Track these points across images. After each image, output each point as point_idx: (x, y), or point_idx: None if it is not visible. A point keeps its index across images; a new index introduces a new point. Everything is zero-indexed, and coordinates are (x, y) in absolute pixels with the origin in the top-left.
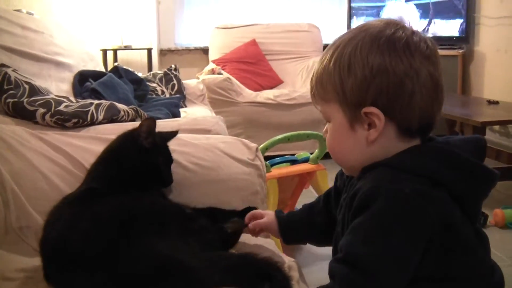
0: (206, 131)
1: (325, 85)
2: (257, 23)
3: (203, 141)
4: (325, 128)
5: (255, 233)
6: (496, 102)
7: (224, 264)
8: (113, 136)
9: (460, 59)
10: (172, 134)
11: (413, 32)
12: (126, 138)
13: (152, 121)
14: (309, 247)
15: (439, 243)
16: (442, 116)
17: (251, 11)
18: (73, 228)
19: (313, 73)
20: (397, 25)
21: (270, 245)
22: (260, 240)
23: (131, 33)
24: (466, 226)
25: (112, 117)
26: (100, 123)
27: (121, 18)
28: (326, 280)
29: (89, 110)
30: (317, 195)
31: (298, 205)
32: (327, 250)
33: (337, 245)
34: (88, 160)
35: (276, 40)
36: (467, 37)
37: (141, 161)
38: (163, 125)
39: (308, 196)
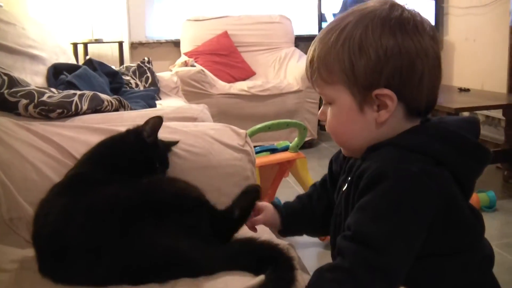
0: (193, 119)
1: (331, 67)
2: (229, 15)
3: (192, 128)
4: (320, 110)
5: (253, 229)
6: (467, 90)
7: (226, 251)
8: (100, 126)
9: None
10: (173, 143)
11: (415, 13)
12: (130, 131)
13: (159, 119)
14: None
15: (442, 220)
16: None
17: (222, 3)
18: (69, 221)
19: (313, 55)
20: (399, 7)
21: (265, 231)
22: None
23: (101, 26)
24: (465, 203)
25: (96, 107)
26: (84, 113)
27: (91, 11)
28: (310, 267)
29: (73, 101)
30: (297, 183)
31: (277, 194)
32: (308, 238)
33: (336, 227)
34: (78, 150)
35: (248, 32)
36: (436, 26)
37: (139, 154)
38: (149, 113)
39: (286, 186)
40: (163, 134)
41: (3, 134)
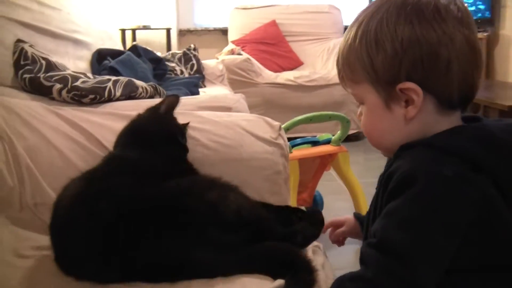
0: (227, 109)
1: (353, 65)
2: (277, 3)
3: (224, 118)
4: (358, 111)
5: (339, 242)
6: None
7: (246, 254)
8: (131, 113)
9: (485, 42)
10: (185, 124)
11: None
12: (148, 110)
13: (175, 98)
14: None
15: (479, 231)
16: None
17: None
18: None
19: (338, 54)
20: None
21: None
22: None
23: (150, 13)
24: (508, 216)
25: (130, 93)
26: (118, 99)
27: None
28: (349, 264)
29: (106, 86)
30: (338, 178)
31: (319, 188)
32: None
33: (369, 225)
34: (105, 136)
35: (296, 21)
36: (492, 19)
37: (157, 126)
38: (183, 101)
39: (329, 179)
40: (193, 124)
41: (32, 118)
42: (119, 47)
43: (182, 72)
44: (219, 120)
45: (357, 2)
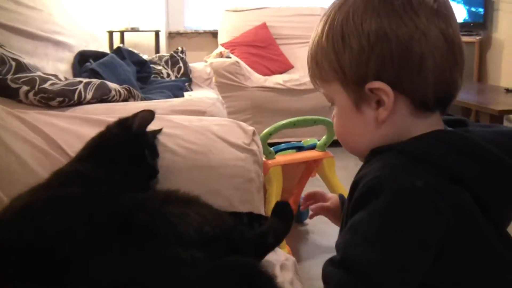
0: (201, 113)
1: (321, 63)
2: (268, 6)
3: (195, 123)
4: (333, 114)
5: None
6: None
7: (206, 271)
8: (100, 117)
9: (477, 46)
10: (157, 131)
11: None
12: (119, 125)
13: (150, 113)
14: (314, 239)
15: (452, 248)
16: (456, 104)
17: None
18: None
19: (308, 51)
20: None
21: None
22: None
23: (139, 15)
24: (487, 229)
25: (102, 96)
26: (89, 103)
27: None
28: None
29: (76, 89)
30: (324, 184)
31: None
32: (332, 243)
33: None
34: (68, 142)
35: (287, 24)
36: (485, 23)
37: (126, 147)
38: (155, 105)
39: (314, 185)
40: (163, 128)
41: None
42: (105, 49)
43: (168, 75)
44: (189, 125)
45: None
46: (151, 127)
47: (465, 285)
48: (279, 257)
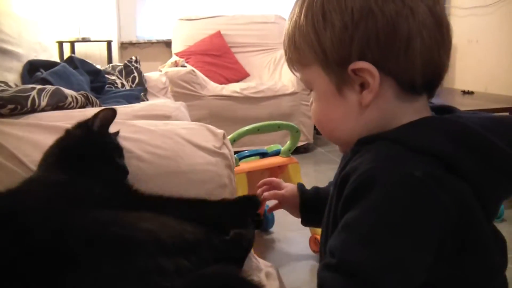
0: (166, 118)
1: (299, 45)
2: (222, 14)
3: (160, 127)
4: (311, 100)
5: (271, 208)
6: (471, 92)
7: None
8: (58, 124)
9: None
10: (115, 133)
11: None
12: (78, 126)
13: (111, 111)
14: (281, 247)
15: (453, 241)
16: None
17: (216, 2)
18: None
19: (284, 33)
20: None
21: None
22: None
23: (89, 25)
24: (484, 224)
25: (58, 103)
26: (43, 110)
27: (79, 9)
28: (304, 282)
29: (29, 95)
30: None
31: (268, 202)
32: (301, 250)
33: (324, 232)
34: (25, 151)
35: (242, 32)
36: None
37: (89, 148)
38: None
39: None
40: (126, 133)
41: None
42: (55, 59)
43: (123, 85)
44: (154, 129)
45: None
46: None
47: (458, 284)
48: (260, 265)
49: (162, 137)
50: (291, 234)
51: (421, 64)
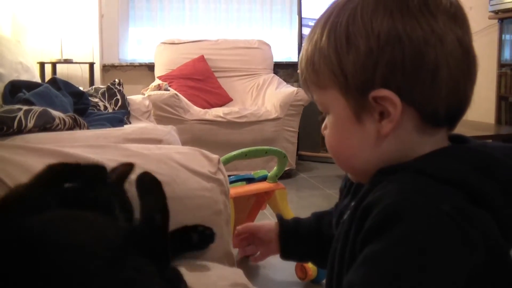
0: (157, 141)
1: (318, 66)
2: (206, 39)
3: (154, 151)
4: (324, 124)
5: (254, 258)
6: None
7: None
8: (49, 146)
9: None
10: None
11: None
12: (94, 169)
13: (129, 166)
14: (266, 273)
15: (480, 280)
16: None
17: (199, 26)
18: None
19: (301, 56)
20: None
21: (237, 275)
22: (226, 270)
23: (71, 47)
24: (510, 258)
25: (45, 125)
26: (30, 131)
27: (61, 30)
28: None
29: (16, 116)
30: (274, 217)
31: None
32: (286, 277)
33: (333, 266)
34: (10, 174)
35: (225, 56)
36: None
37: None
38: (104, 133)
39: (265, 218)
40: (119, 157)
41: None
42: (37, 80)
43: (105, 108)
44: (148, 153)
45: (287, 38)
46: (106, 156)
47: None
48: None
49: (157, 161)
50: (276, 260)
51: (446, 95)
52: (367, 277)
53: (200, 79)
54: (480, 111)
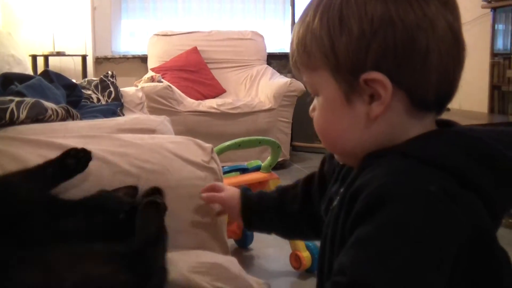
0: (151, 131)
1: (310, 48)
2: (199, 30)
3: (148, 141)
4: (312, 106)
5: (216, 214)
6: (448, 109)
7: None
8: (41, 137)
9: None
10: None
11: None
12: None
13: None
14: (260, 263)
15: (467, 260)
16: None
17: (192, 18)
18: None
19: (292, 38)
20: None
21: (232, 263)
22: (220, 258)
23: (64, 39)
24: (497, 240)
25: (38, 116)
26: (23, 122)
27: (54, 23)
28: None
29: (8, 107)
30: None
31: None
32: (281, 266)
33: (324, 251)
34: (2, 165)
35: (218, 48)
36: None
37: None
38: (97, 124)
39: None
40: (112, 148)
41: None
42: (29, 72)
43: (98, 100)
44: (141, 143)
45: (281, 29)
46: (100, 146)
47: None
48: (253, 284)
49: (150, 151)
50: (271, 250)
51: (436, 80)
52: (357, 259)
53: (194, 71)
54: (473, 100)
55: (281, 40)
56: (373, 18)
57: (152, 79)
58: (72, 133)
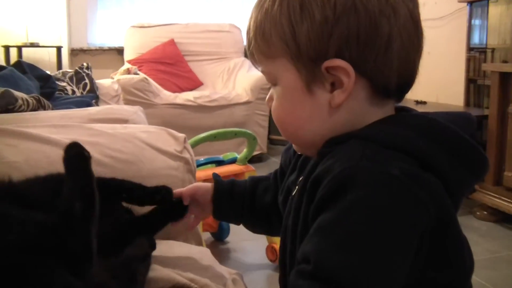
0: (123, 121)
1: (269, 35)
2: (176, 22)
3: (120, 130)
4: (268, 95)
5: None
6: (424, 102)
7: None
8: (11, 127)
9: None
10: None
11: None
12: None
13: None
14: (237, 256)
15: (431, 242)
16: None
17: (169, 10)
18: None
19: (248, 24)
20: None
21: (205, 255)
22: (193, 249)
23: (38, 30)
24: (458, 222)
25: (7, 106)
26: None
27: (27, 13)
28: None
29: None
30: None
31: None
32: (257, 259)
33: (286, 244)
34: None
35: (195, 40)
36: None
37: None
38: (68, 113)
39: None
40: (83, 137)
41: None
42: (1, 64)
43: (73, 92)
44: (114, 132)
45: None
46: (70, 136)
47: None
48: (225, 274)
49: (122, 140)
50: (247, 243)
51: (397, 67)
52: (320, 245)
53: (170, 63)
54: (450, 93)
55: None
56: (336, 4)
57: (128, 71)
58: (42, 123)
